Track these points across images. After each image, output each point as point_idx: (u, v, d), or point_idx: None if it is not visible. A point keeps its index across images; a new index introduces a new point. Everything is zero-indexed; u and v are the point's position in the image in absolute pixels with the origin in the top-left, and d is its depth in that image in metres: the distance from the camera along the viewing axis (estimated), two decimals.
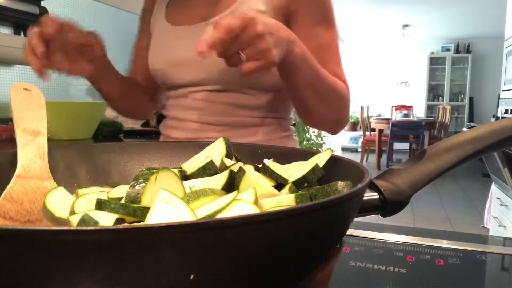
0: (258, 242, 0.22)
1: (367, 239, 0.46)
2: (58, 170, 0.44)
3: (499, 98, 3.56)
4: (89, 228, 0.18)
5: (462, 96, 7.53)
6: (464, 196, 4.19)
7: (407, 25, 6.39)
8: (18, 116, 0.43)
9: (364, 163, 5.58)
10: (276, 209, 0.29)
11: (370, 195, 0.35)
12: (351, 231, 0.48)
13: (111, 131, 1.49)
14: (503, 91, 3.38)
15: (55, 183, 0.41)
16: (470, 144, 0.38)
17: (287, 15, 0.74)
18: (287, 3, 0.73)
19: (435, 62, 7.61)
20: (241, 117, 0.78)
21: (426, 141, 5.35)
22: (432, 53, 7.57)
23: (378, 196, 0.35)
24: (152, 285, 0.20)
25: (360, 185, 0.28)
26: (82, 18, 1.92)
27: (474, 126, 0.50)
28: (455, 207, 3.75)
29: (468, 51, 7.37)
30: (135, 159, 0.51)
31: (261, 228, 0.22)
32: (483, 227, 2.65)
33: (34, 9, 1.57)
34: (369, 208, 0.35)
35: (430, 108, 7.69)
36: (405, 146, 6.63)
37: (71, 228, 0.18)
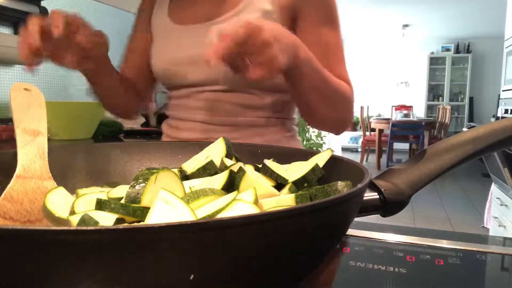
0: (258, 242, 0.22)
1: (367, 239, 0.46)
2: (58, 170, 0.44)
3: (499, 98, 3.56)
4: (89, 228, 0.18)
5: (462, 96, 7.53)
6: (464, 196, 4.19)
7: (407, 25, 6.39)
8: (18, 116, 0.43)
9: (364, 163, 5.58)
10: (276, 209, 0.29)
11: (370, 195, 0.35)
12: (351, 231, 0.48)
13: (111, 131, 1.49)
14: (503, 91, 3.38)
15: (55, 183, 0.41)
16: (470, 144, 0.38)
17: (293, 15, 0.74)
18: (293, 2, 0.73)
19: (435, 62, 7.61)
20: (246, 117, 0.77)
21: (426, 141, 5.35)
22: (432, 53, 7.57)
23: (378, 196, 0.35)
24: (152, 285, 0.20)
25: (360, 185, 0.28)
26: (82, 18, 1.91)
27: (474, 126, 0.50)
28: (455, 207, 3.75)
29: (468, 51, 7.37)
30: (135, 159, 0.51)
31: (261, 228, 0.22)
32: (483, 227, 2.65)
33: (34, 9, 1.58)
34: (369, 208, 0.35)
35: (430, 108, 7.69)
36: (405, 146, 6.63)
37: (71, 228, 0.18)
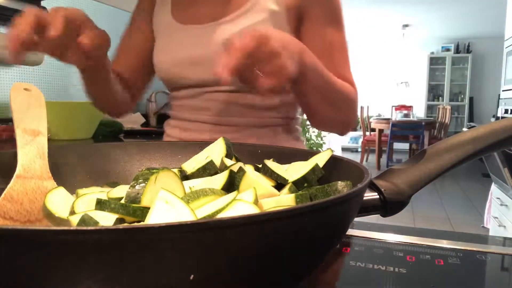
0: (258, 242, 0.22)
1: (367, 239, 0.46)
2: (58, 170, 0.44)
3: (499, 98, 3.56)
4: (89, 228, 0.18)
5: (462, 96, 7.53)
6: (464, 196, 4.19)
7: (407, 25, 6.39)
8: (18, 116, 0.43)
9: (364, 163, 5.58)
10: (276, 209, 0.29)
11: (370, 195, 0.35)
12: (351, 231, 0.48)
13: (111, 131, 1.49)
14: (503, 91, 3.38)
15: (55, 183, 0.41)
16: (470, 144, 0.38)
17: (299, 15, 0.74)
18: (299, 2, 0.73)
19: (435, 62, 7.61)
20: (251, 118, 0.77)
21: (426, 141, 5.35)
22: (432, 53, 7.57)
23: (378, 196, 0.35)
24: (152, 285, 0.20)
25: (360, 185, 0.28)
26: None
27: (474, 126, 0.50)
28: (455, 207, 3.75)
29: (468, 51, 7.37)
30: (135, 159, 0.51)
31: (261, 228, 0.22)
32: (483, 227, 2.65)
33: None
34: (369, 208, 0.35)
35: (430, 108, 7.69)
36: (405, 146, 6.63)
37: (71, 228, 0.18)
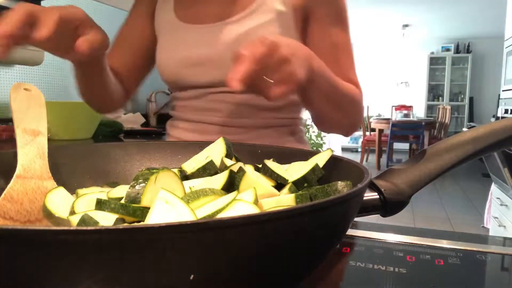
0: (258, 242, 0.22)
1: (367, 239, 0.46)
2: (58, 170, 0.44)
3: (499, 98, 3.56)
4: (89, 228, 0.18)
5: (462, 96, 7.53)
6: (464, 196, 4.19)
7: (407, 25, 6.39)
8: (18, 116, 0.43)
9: (364, 163, 5.58)
10: (276, 209, 0.29)
11: (370, 195, 0.35)
12: (351, 231, 0.48)
13: (111, 131, 1.49)
14: (503, 91, 3.38)
15: (55, 183, 0.41)
16: (470, 144, 0.38)
17: (305, 15, 0.74)
18: (305, 3, 0.72)
19: (435, 62, 7.61)
20: (257, 119, 0.76)
21: (426, 141, 5.35)
22: (432, 53, 7.57)
23: (378, 196, 0.35)
24: (152, 285, 0.20)
25: (360, 185, 0.28)
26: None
27: (474, 126, 0.50)
28: (455, 207, 3.75)
29: (468, 51, 7.37)
30: (135, 159, 0.51)
31: (261, 228, 0.22)
32: (483, 227, 2.66)
33: None
34: (369, 208, 0.35)
35: (430, 108, 7.69)
36: (405, 146, 6.63)
37: (71, 228, 0.18)
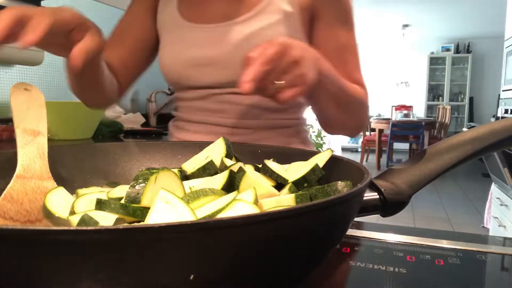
0: (258, 242, 0.22)
1: (367, 239, 0.46)
2: (58, 170, 0.44)
3: (499, 98, 3.56)
4: (89, 228, 0.18)
5: (462, 96, 7.53)
6: (464, 196, 4.19)
7: (407, 25, 6.39)
8: (18, 116, 0.43)
9: (364, 163, 5.58)
10: (276, 209, 0.29)
11: (370, 195, 0.35)
12: (351, 231, 0.48)
13: (111, 131, 1.49)
14: (503, 91, 3.38)
15: (55, 183, 0.41)
16: (470, 144, 0.38)
17: (311, 16, 0.73)
18: (312, 3, 0.72)
19: (435, 62, 7.61)
20: (263, 119, 0.76)
21: (426, 141, 5.35)
22: (432, 53, 7.57)
23: (378, 196, 0.35)
24: (152, 285, 0.20)
25: (360, 185, 0.28)
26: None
27: (474, 126, 0.49)
28: (455, 207, 3.75)
29: (468, 51, 7.37)
30: (135, 159, 0.51)
31: (261, 228, 0.22)
32: (483, 227, 2.65)
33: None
34: (369, 208, 0.35)
35: (430, 108, 7.69)
36: (405, 146, 6.63)
37: (71, 228, 0.18)
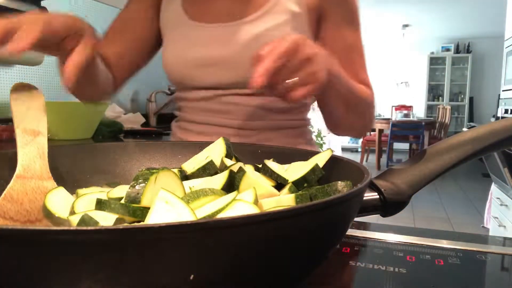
0: (258, 242, 0.22)
1: (367, 239, 0.46)
2: (58, 170, 0.44)
3: (499, 98, 3.56)
4: (89, 228, 0.18)
5: (462, 96, 7.53)
6: (464, 196, 4.19)
7: (407, 25, 6.39)
8: (18, 116, 0.43)
9: (364, 163, 5.58)
10: (276, 209, 0.29)
11: (370, 195, 0.35)
12: (351, 231, 0.48)
13: (111, 131, 1.49)
14: (503, 91, 3.38)
15: (55, 183, 0.41)
16: (470, 144, 0.38)
17: (318, 16, 0.73)
18: (319, 3, 0.72)
19: (435, 62, 7.61)
20: (270, 120, 0.76)
21: (426, 141, 5.35)
22: (432, 53, 7.57)
23: (378, 196, 0.35)
24: (152, 285, 0.20)
25: (360, 185, 0.28)
26: (82, 18, 1.91)
27: (474, 126, 0.49)
28: (455, 207, 3.75)
29: (468, 51, 7.37)
30: (135, 159, 0.51)
31: (261, 228, 0.22)
32: (483, 227, 2.66)
33: (34, 9, 1.57)
34: (369, 208, 0.35)
35: (430, 108, 7.69)
36: (405, 146, 6.63)
37: (71, 228, 0.18)
